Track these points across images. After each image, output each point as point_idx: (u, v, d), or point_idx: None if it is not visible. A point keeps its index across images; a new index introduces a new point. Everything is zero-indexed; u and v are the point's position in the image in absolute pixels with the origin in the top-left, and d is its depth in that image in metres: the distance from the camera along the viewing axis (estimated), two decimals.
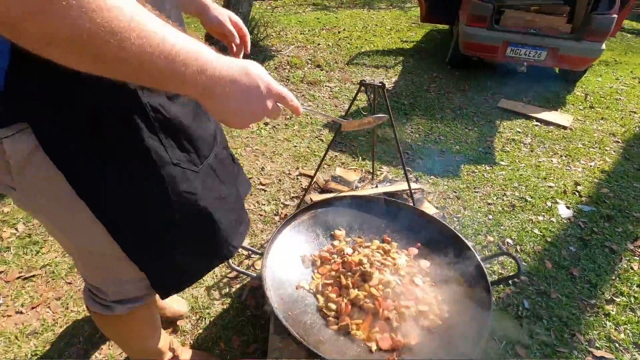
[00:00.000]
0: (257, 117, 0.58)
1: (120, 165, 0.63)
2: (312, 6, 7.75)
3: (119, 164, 0.62)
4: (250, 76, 0.53)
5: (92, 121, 0.57)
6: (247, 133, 2.66)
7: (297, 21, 6.07)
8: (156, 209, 0.69)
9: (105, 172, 0.61)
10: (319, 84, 3.62)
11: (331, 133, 2.81)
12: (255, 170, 2.25)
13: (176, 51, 0.44)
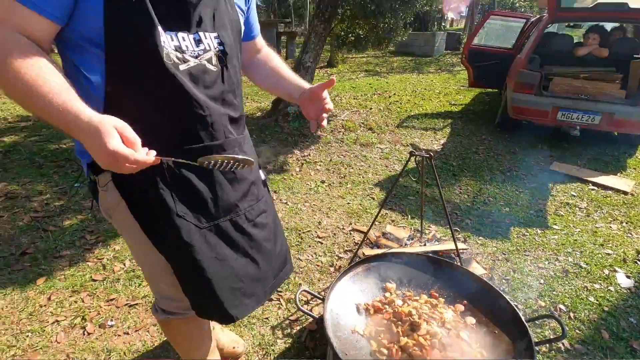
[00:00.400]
0: (106, 164, 0.62)
1: (150, 208, 0.83)
2: (364, 72, 8.46)
3: (150, 207, 0.83)
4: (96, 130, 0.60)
5: (140, 180, 0.77)
6: (306, 190, 2.99)
7: (350, 87, 6.67)
8: (166, 248, 0.87)
9: (145, 213, 0.85)
10: (371, 146, 3.95)
11: (382, 192, 3.04)
12: (313, 224, 2.52)
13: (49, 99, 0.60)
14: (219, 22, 0.83)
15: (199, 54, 0.79)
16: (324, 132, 4.25)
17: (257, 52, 1.12)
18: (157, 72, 0.73)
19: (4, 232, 2.15)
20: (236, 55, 0.89)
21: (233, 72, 0.88)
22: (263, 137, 4.02)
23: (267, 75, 1.09)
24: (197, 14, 0.77)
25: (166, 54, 0.73)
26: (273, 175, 3.21)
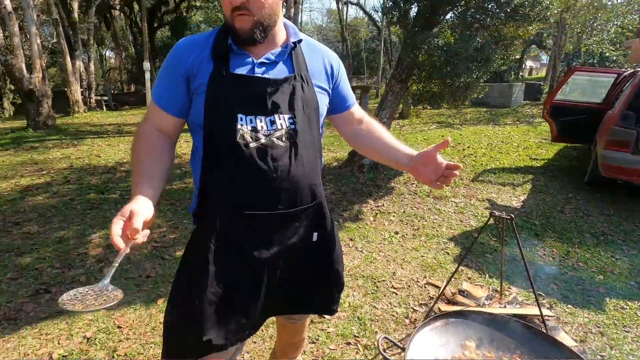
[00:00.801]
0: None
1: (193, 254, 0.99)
2: (436, 124, 8.57)
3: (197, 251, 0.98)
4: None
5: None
6: (380, 240, 3.13)
7: (422, 138, 6.81)
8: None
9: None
10: (444, 199, 3.98)
11: (457, 247, 3.04)
12: (387, 274, 2.62)
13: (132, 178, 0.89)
14: (294, 104, 0.94)
15: (271, 132, 0.92)
16: (397, 183, 4.41)
17: (357, 123, 1.16)
18: (231, 149, 0.89)
19: (134, 257, 2.65)
20: (308, 131, 0.97)
21: (303, 147, 0.95)
22: (339, 186, 4.31)
23: (373, 145, 1.13)
24: (273, 101, 0.92)
25: (240, 135, 0.89)
26: (349, 223, 3.42)
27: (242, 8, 0.84)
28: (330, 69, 1.04)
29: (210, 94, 0.88)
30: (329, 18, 36.15)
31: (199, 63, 0.90)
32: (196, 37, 0.96)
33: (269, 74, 0.93)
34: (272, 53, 0.94)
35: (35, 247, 2.75)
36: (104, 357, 1.79)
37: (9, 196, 3.75)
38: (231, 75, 0.89)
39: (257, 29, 0.87)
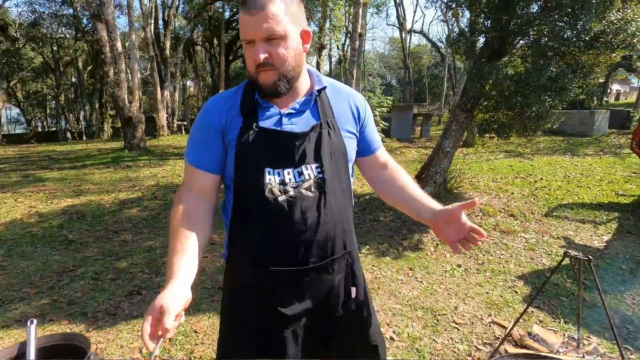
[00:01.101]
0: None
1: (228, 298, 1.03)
2: (504, 153, 8.13)
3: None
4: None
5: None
6: (441, 272, 3.06)
7: (489, 168, 6.51)
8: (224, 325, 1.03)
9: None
10: (513, 234, 3.76)
11: (526, 286, 2.85)
12: (449, 308, 2.56)
13: (168, 254, 0.85)
14: (321, 153, 0.92)
15: (299, 184, 0.90)
16: None
17: (381, 168, 1.11)
18: (259, 203, 0.89)
19: (208, 269, 2.94)
20: (337, 178, 0.95)
21: (332, 195, 0.93)
22: (399, 214, 4.31)
23: (395, 194, 1.07)
24: (300, 152, 0.90)
25: (269, 189, 0.88)
26: (408, 252, 3.40)
27: (266, 64, 0.85)
28: (357, 111, 1.02)
29: (240, 148, 0.89)
30: (391, 46, 36.64)
31: (231, 118, 0.92)
32: (224, 94, 0.98)
33: (296, 124, 0.93)
34: (298, 102, 0.94)
35: (130, 254, 3.19)
36: (182, 357, 2.02)
37: (110, 208, 4.39)
38: (260, 129, 0.90)
39: (281, 82, 0.88)
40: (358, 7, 7.33)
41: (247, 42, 0.85)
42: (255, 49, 0.83)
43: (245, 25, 0.83)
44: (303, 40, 0.89)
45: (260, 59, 0.83)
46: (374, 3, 18.47)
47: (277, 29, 0.81)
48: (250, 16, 0.81)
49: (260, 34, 0.81)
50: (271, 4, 0.80)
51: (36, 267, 2.91)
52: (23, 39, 21.76)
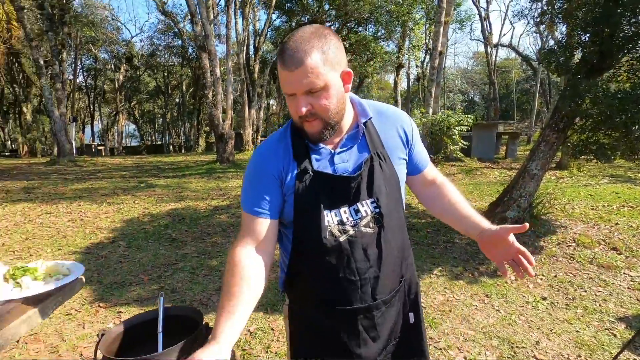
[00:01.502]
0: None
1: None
2: (609, 178, 7.14)
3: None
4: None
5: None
6: (522, 302, 2.85)
7: (587, 194, 5.80)
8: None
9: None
10: (615, 269, 3.32)
11: (629, 330, 2.50)
12: (529, 341, 2.38)
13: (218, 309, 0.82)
14: (375, 187, 0.91)
15: (357, 222, 0.90)
16: (548, 243, 3.91)
17: (430, 184, 1.10)
18: (320, 245, 0.88)
19: None
20: (395, 210, 0.94)
21: (390, 228, 0.93)
22: None
23: (443, 209, 1.07)
24: (355, 189, 0.90)
25: (329, 231, 0.88)
26: (485, 278, 3.23)
27: (309, 115, 0.84)
28: (405, 135, 1.00)
29: (299, 193, 0.89)
30: (475, 61, 34.80)
31: (287, 164, 0.92)
32: (274, 139, 0.97)
33: (348, 161, 0.92)
34: (345, 138, 0.93)
35: (220, 254, 3.62)
36: (261, 349, 2.25)
37: (204, 213, 5.02)
38: (315, 173, 0.90)
39: (325, 130, 0.88)
40: (439, 26, 7.29)
41: (289, 95, 0.84)
42: (297, 101, 0.83)
43: (284, 80, 0.82)
44: (344, 81, 0.87)
45: (302, 112, 0.83)
46: (456, 19, 17.93)
47: (317, 82, 0.80)
48: (289, 72, 0.80)
49: (301, 88, 0.81)
50: (309, 58, 0.79)
51: (148, 259, 3.50)
52: (143, 67, 26.03)
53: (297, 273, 0.94)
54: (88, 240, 4.01)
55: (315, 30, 0.82)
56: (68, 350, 2.18)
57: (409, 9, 9.46)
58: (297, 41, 0.80)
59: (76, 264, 1.19)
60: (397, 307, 0.97)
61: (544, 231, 4.13)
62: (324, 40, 0.81)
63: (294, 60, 0.79)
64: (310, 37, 0.80)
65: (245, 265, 0.87)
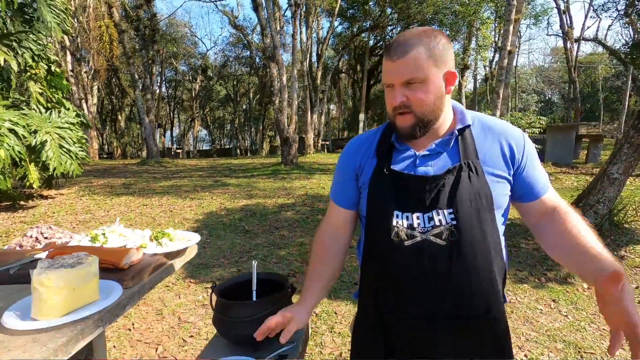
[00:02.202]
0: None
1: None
2: None
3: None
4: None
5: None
6: (594, 311, 2.73)
7: None
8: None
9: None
10: None
11: None
12: (599, 348, 2.30)
13: (305, 277, 1.02)
14: (456, 197, 0.84)
15: (428, 230, 0.84)
16: (631, 253, 3.61)
17: (549, 214, 0.92)
18: (385, 245, 0.88)
19: (346, 267, 3.43)
20: (478, 228, 0.83)
21: (469, 246, 0.83)
22: None
23: (563, 248, 0.86)
24: (432, 196, 0.85)
25: (395, 232, 0.86)
26: (552, 284, 3.13)
27: (403, 107, 0.84)
28: (510, 151, 0.89)
29: (372, 190, 0.92)
30: (553, 57, 31.82)
31: (366, 159, 0.96)
32: (365, 135, 1.02)
33: (432, 167, 0.88)
34: (435, 143, 0.89)
35: (287, 245, 3.98)
36: (325, 329, 2.50)
37: (272, 209, 5.48)
38: (391, 172, 0.90)
39: (417, 127, 0.87)
40: (509, 25, 6.98)
41: (387, 86, 0.86)
42: (394, 92, 0.84)
43: (387, 71, 0.85)
44: (447, 82, 0.85)
45: (397, 102, 0.84)
46: (531, 14, 16.68)
47: (417, 74, 0.81)
48: (392, 62, 0.82)
49: (400, 78, 0.82)
50: (414, 50, 0.80)
51: (226, 246, 3.98)
52: (215, 77, 28.40)
53: (366, 274, 0.97)
54: (177, 228, 4.67)
55: (426, 29, 0.85)
56: (169, 314, 2.66)
57: (475, 8, 9.13)
58: (407, 35, 0.83)
59: (194, 234, 1.55)
60: (473, 344, 0.86)
61: (627, 240, 3.81)
62: (432, 37, 0.82)
63: (398, 50, 0.81)
64: (419, 34, 0.83)
65: (326, 246, 1.03)
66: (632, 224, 4.15)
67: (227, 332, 1.30)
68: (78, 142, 5.10)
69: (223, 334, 1.34)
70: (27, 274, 1.12)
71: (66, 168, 4.83)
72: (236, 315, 1.28)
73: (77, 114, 5.25)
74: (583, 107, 24.12)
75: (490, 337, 0.86)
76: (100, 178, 8.69)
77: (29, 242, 1.46)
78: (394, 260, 0.87)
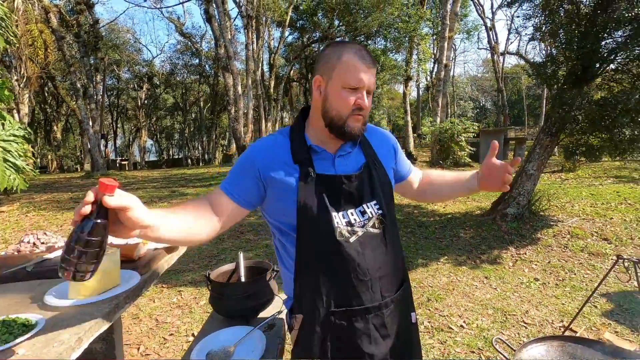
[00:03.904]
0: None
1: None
2: (613, 178, 7.45)
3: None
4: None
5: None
6: (517, 283, 3.31)
7: (588, 194, 6.16)
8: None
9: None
10: (603, 257, 3.73)
11: (609, 303, 2.93)
12: (520, 310, 2.84)
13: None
14: (375, 189, 0.98)
15: (365, 222, 0.95)
16: (544, 235, 4.34)
17: (416, 182, 1.21)
18: (331, 248, 0.91)
19: None
20: (391, 211, 1.01)
21: (392, 228, 1.00)
22: (480, 231, 4.56)
23: (439, 192, 1.19)
24: (358, 191, 0.96)
25: (339, 232, 0.91)
26: (485, 264, 3.70)
27: (363, 110, 0.93)
28: (393, 149, 1.12)
29: (302, 196, 0.91)
30: (485, 68, 35.10)
31: (280, 166, 0.93)
32: (270, 140, 0.99)
33: (347, 166, 0.99)
34: (346, 145, 0.99)
35: (253, 248, 4.20)
36: None
37: None
38: (317, 176, 0.93)
39: (363, 127, 0.96)
40: (443, 41, 7.84)
41: (351, 88, 0.90)
42: (362, 95, 0.91)
43: (361, 72, 0.89)
44: None
45: (367, 104, 0.92)
46: (463, 29, 18.48)
47: (375, 86, 0.96)
48: (367, 67, 0.90)
49: (370, 85, 0.92)
50: (376, 64, 0.96)
51: (194, 252, 4.10)
52: (162, 85, 27.41)
53: (308, 282, 0.94)
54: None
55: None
56: (146, 317, 2.76)
57: (415, 25, 10.05)
58: (367, 49, 0.96)
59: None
60: (401, 306, 1.01)
61: (542, 225, 4.56)
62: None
63: (370, 60, 0.92)
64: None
65: (198, 203, 0.91)
66: (545, 212, 4.96)
67: (224, 309, 1.56)
68: (24, 155, 4.87)
69: (219, 311, 1.59)
70: (44, 271, 1.29)
71: (10, 183, 4.60)
72: (230, 293, 1.54)
73: (20, 127, 5.01)
74: (511, 113, 26.89)
75: (409, 294, 1.08)
76: (42, 193, 8.15)
77: (27, 248, 1.59)
78: (342, 258, 0.91)
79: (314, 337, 0.93)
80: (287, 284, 1.00)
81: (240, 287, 1.64)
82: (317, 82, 0.95)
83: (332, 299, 0.93)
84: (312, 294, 0.93)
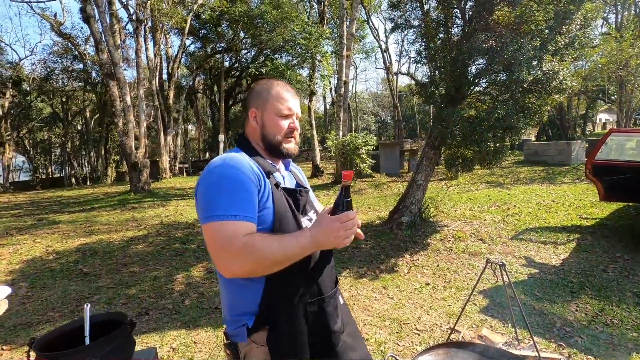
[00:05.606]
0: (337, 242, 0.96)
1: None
2: (485, 184, 8.67)
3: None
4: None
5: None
6: (411, 289, 3.47)
7: (468, 198, 7.01)
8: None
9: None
10: (479, 256, 4.20)
11: (485, 299, 3.26)
12: (413, 318, 2.96)
13: (284, 251, 0.95)
14: (311, 202, 1.21)
15: None
16: (433, 240, 4.73)
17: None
18: None
19: (206, 293, 3.35)
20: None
21: None
22: (379, 241, 4.76)
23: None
24: (307, 202, 1.17)
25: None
26: (384, 274, 3.82)
27: (294, 131, 1.14)
28: (298, 170, 1.33)
29: (278, 204, 1.04)
30: (383, 86, 38.53)
31: (262, 180, 1.04)
32: (239, 160, 1.03)
33: (292, 180, 1.22)
34: (286, 163, 1.23)
35: (137, 282, 3.62)
36: None
37: (119, 245, 4.85)
38: (283, 189, 1.09)
39: (296, 147, 1.16)
40: (342, 59, 8.25)
41: (285, 115, 1.12)
42: (292, 120, 1.13)
43: (292, 102, 1.13)
44: None
45: (298, 128, 1.15)
46: (362, 50, 20.02)
47: (300, 112, 1.19)
48: (294, 97, 1.15)
49: (298, 112, 1.16)
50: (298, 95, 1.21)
51: (57, 296, 3.34)
52: (34, 92, 23.21)
53: (279, 285, 1.02)
54: None
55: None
56: None
57: (315, 42, 10.45)
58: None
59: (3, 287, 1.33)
60: (338, 292, 1.22)
61: (431, 230, 4.98)
62: None
63: (295, 92, 1.17)
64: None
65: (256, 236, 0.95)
66: (434, 218, 5.45)
67: None
68: None
69: None
70: None
71: None
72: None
73: None
74: (407, 127, 29.87)
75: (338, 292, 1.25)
76: None
77: None
78: (310, 256, 1.06)
79: (293, 331, 1.05)
80: (249, 301, 1.05)
81: (83, 353, 1.28)
82: (253, 113, 1.14)
83: (309, 292, 1.08)
84: (288, 294, 1.05)
